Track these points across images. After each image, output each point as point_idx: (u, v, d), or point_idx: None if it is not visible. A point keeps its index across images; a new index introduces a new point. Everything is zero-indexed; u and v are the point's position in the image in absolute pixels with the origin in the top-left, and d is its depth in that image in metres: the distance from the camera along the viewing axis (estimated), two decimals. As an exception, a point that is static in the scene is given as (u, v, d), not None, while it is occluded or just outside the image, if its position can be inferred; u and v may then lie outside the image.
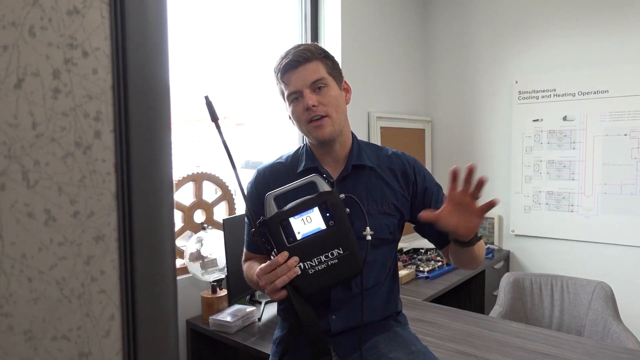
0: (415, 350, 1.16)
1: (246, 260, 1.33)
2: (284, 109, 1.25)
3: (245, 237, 1.33)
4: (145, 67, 0.43)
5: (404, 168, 1.26)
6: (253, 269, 1.21)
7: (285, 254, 1.00)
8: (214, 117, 0.96)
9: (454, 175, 1.04)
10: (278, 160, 1.30)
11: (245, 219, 1.31)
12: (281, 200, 1.05)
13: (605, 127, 2.60)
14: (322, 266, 1.00)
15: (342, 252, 1.01)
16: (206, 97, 0.96)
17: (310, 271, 1.00)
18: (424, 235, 1.31)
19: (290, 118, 1.24)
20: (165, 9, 0.45)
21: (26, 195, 0.37)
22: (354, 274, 1.03)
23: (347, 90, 1.25)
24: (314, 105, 1.13)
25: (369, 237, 1.03)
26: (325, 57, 1.19)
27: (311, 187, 1.04)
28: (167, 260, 0.45)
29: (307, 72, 1.14)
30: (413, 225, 1.31)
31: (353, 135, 1.28)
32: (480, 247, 1.16)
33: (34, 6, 0.37)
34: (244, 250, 1.34)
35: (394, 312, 1.30)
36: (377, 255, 1.21)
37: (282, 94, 1.20)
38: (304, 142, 1.30)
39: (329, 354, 1.01)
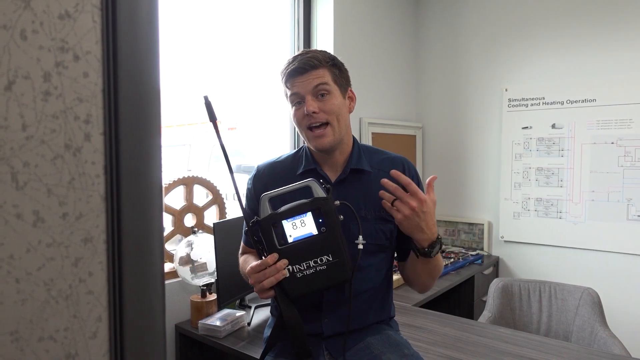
0: (409, 354, 1.17)
1: (243, 253, 1.35)
2: (288, 110, 1.26)
3: (243, 230, 1.36)
4: (136, 71, 0.44)
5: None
6: (247, 262, 1.22)
7: (275, 255, 1.01)
8: (213, 118, 0.97)
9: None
10: (278, 159, 1.31)
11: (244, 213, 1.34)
12: (277, 201, 1.06)
13: (593, 135, 2.63)
14: (311, 271, 1.01)
15: (331, 259, 1.01)
16: (205, 97, 0.97)
17: (299, 275, 1.02)
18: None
19: (291, 118, 1.26)
20: (157, 13, 0.46)
21: (15, 196, 0.37)
22: (340, 282, 1.04)
23: (351, 98, 1.26)
24: (314, 112, 1.14)
25: (360, 246, 1.04)
26: (333, 65, 1.19)
27: (307, 191, 1.04)
28: (156, 262, 0.45)
29: (311, 78, 1.15)
30: None
31: (354, 139, 1.28)
32: (428, 269, 1.18)
33: (25, 10, 0.37)
34: (242, 243, 1.36)
35: (386, 317, 1.30)
36: (373, 260, 1.22)
37: (286, 95, 1.22)
38: (304, 144, 1.30)
39: (310, 355, 1.02)
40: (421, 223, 1.07)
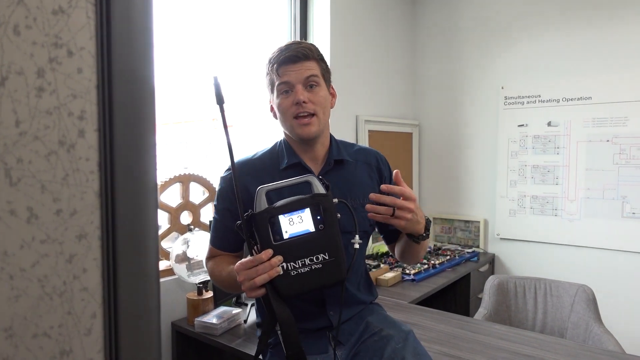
0: (406, 330, 1.21)
1: (210, 257, 1.27)
2: (268, 101, 1.25)
3: (211, 232, 1.28)
4: (130, 67, 0.44)
5: (378, 163, 1.31)
6: (222, 266, 1.18)
7: (270, 251, 0.95)
8: (220, 100, 0.91)
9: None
10: (254, 156, 1.28)
11: (214, 214, 1.26)
12: (268, 195, 1.02)
13: (588, 133, 2.65)
14: (305, 269, 0.97)
15: (327, 258, 0.97)
16: (215, 78, 0.91)
17: (293, 273, 0.97)
18: (379, 231, 1.38)
19: (272, 110, 1.24)
20: (152, 9, 0.46)
21: (8, 192, 0.37)
22: (335, 282, 1.00)
23: (333, 95, 1.28)
24: (304, 102, 1.15)
25: (356, 246, 1.00)
26: (321, 60, 1.22)
27: (305, 186, 1.00)
28: (150, 259, 0.45)
29: (303, 68, 1.16)
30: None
31: (330, 134, 1.30)
32: (425, 247, 1.25)
33: (18, 5, 0.37)
34: (209, 246, 1.28)
35: (375, 295, 1.36)
36: (361, 247, 1.25)
37: (272, 84, 1.20)
38: (282, 139, 1.28)
39: (303, 357, 0.98)
40: (417, 217, 1.10)
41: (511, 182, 2.93)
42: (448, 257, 2.77)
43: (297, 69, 1.15)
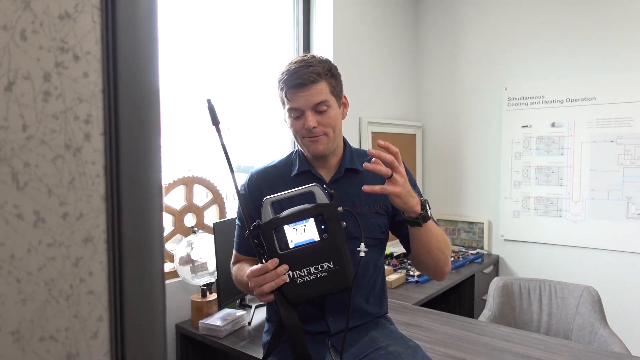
0: (413, 346, 1.21)
1: (235, 262, 1.34)
2: (280, 112, 1.28)
3: (235, 239, 1.34)
4: (135, 71, 0.44)
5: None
6: (243, 270, 1.22)
7: (276, 260, 1.00)
8: (215, 121, 0.96)
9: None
10: (271, 164, 1.33)
11: (237, 220, 1.33)
12: (276, 205, 1.06)
13: (593, 133, 2.64)
14: (311, 277, 1.01)
15: (332, 266, 1.01)
16: (208, 101, 0.96)
17: (299, 280, 1.01)
18: (396, 236, 1.31)
19: (285, 121, 1.26)
20: (157, 14, 0.46)
21: (15, 196, 0.37)
22: (340, 289, 1.03)
23: (345, 105, 1.28)
24: (314, 127, 1.17)
25: (362, 254, 1.02)
26: (331, 76, 1.20)
27: (310, 196, 1.03)
28: (156, 262, 0.46)
29: (312, 94, 1.16)
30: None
31: (345, 141, 1.31)
32: (436, 238, 1.16)
33: (25, 10, 0.37)
34: (234, 252, 1.35)
35: (385, 311, 1.34)
36: (371, 255, 1.24)
37: (283, 103, 1.22)
38: (297, 147, 1.32)
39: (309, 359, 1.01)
40: (407, 188, 1.06)
41: (515, 183, 2.92)
42: (452, 259, 2.76)
43: (306, 94, 1.15)
